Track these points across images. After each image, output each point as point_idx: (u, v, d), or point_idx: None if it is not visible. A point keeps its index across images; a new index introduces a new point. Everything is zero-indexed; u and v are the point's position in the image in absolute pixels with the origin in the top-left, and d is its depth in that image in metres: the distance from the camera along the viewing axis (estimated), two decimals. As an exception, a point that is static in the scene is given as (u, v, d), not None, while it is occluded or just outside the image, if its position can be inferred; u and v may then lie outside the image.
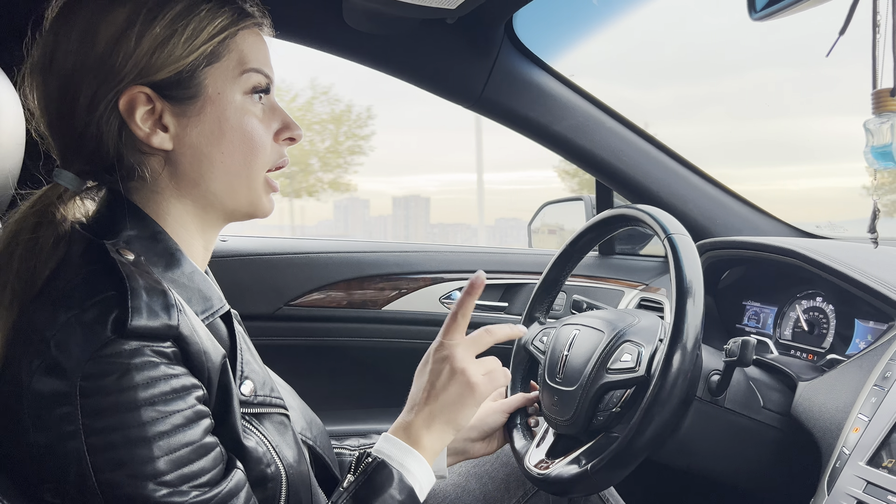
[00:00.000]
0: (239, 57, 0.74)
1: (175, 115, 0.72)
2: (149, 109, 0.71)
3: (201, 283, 0.75)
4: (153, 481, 0.59)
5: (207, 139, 0.73)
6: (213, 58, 0.73)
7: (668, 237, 0.98)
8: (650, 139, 1.58)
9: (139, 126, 0.71)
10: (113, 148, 0.72)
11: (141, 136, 0.71)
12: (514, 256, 1.82)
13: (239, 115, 0.74)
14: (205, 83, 0.73)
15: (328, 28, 1.37)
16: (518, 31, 1.46)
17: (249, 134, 0.75)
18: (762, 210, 1.60)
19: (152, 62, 0.70)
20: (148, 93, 0.71)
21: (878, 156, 0.84)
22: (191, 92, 0.72)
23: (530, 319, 1.27)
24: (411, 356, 1.72)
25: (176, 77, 0.71)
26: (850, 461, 0.84)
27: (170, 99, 0.72)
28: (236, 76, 0.74)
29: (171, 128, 0.72)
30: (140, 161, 0.73)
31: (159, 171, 0.74)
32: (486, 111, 1.54)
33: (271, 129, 0.78)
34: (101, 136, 0.71)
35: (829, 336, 1.20)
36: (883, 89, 0.81)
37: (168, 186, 0.75)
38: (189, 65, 0.71)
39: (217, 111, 0.73)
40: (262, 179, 0.78)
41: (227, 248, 1.64)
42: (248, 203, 0.78)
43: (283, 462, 0.74)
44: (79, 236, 0.70)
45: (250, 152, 0.75)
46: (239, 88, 0.75)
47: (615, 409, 1.00)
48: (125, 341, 0.60)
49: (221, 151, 0.74)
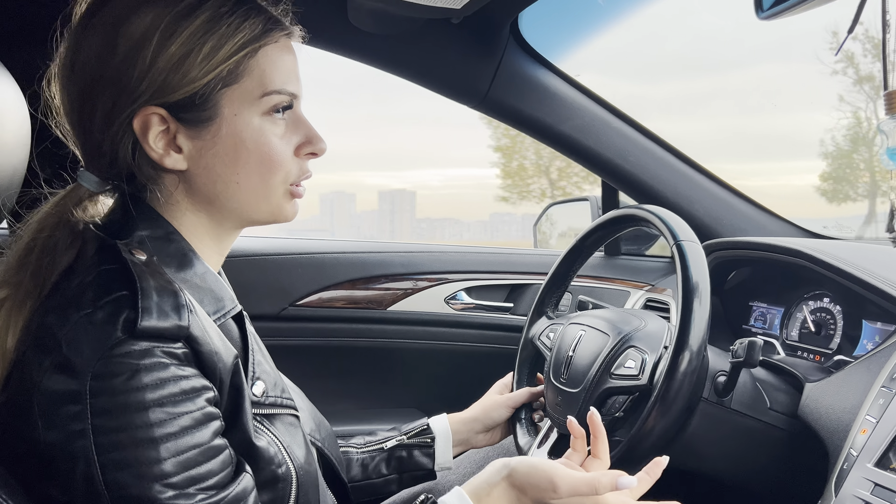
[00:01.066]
0: (260, 78, 0.72)
1: (189, 137, 0.71)
2: (163, 130, 0.70)
3: (213, 284, 0.75)
4: (160, 482, 0.59)
5: (223, 161, 0.72)
6: (230, 79, 0.70)
7: (677, 244, 0.98)
8: (656, 139, 1.57)
9: (152, 147, 0.70)
10: (128, 163, 0.71)
11: (154, 158, 0.71)
12: (520, 257, 1.82)
13: (256, 137, 0.72)
14: (221, 104, 0.71)
15: (333, 28, 1.37)
16: (523, 30, 1.46)
17: (267, 154, 0.73)
18: (768, 210, 1.60)
19: (167, 82, 0.68)
20: (162, 114, 0.69)
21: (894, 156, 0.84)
22: (206, 114, 0.70)
23: (538, 314, 1.27)
24: (417, 356, 1.74)
25: (191, 99, 0.69)
26: (857, 463, 0.83)
27: (184, 121, 0.70)
28: (256, 98, 0.72)
29: (185, 149, 0.71)
30: (154, 178, 0.72)
31: (174, 189, 0.74)
32: (491, 111, 1.54)
33: (292, 143, 0.75)
34: (117, 151, 0.70)
35: (836, 337, 1.19)
36: (895, 90, 0.81)
37: (183, 201, 0.74)
38: (204, 86, 0.69)
39: (233, 133, 0.71)
40: (282, 192, 0.76)
41: (234, 248, 1.62)
42: (268, 213, 0.77)
43: (294, 462, 0.74)
44: (92, 236, 0.71)
45: (268, 172, 0.73)
46: (258, 110, 0.72)
47: (618, 413, 1.00)
48: (135, 342, 0.60)
49: (237, 173, 0.73)
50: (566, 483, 0.78)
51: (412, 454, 1.11)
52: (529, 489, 0.79)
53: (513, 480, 0.80)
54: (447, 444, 1.12)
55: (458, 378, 1.76)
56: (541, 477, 0.79)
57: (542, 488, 0.79)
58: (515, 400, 1.17)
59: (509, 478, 0.80)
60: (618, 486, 0.78)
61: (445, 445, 1.12)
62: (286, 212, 0.78)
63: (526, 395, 1.18)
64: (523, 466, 0.80)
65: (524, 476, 0.80)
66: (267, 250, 1.68)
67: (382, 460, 1.10)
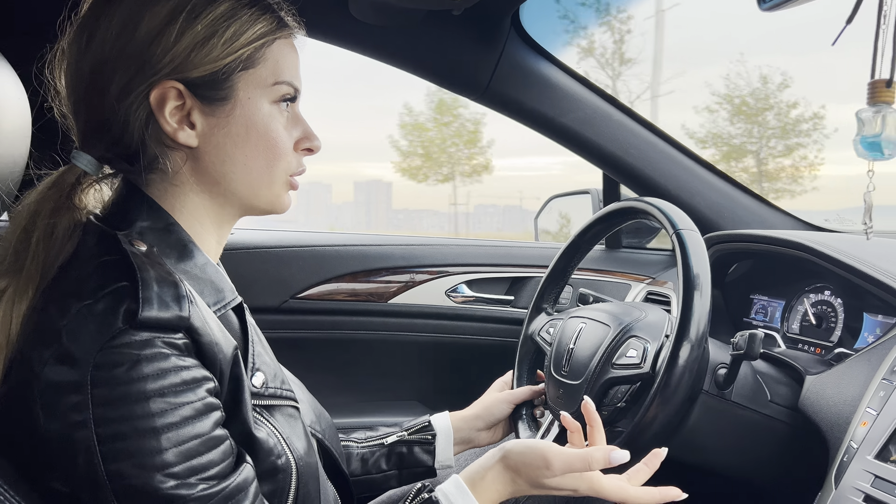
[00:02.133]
0: (273, 67, 0.75)
1: (204, 113, 0.73)
2: (178, 105, 0.72)
3: (214, 275, 0.75)
4: (161, 472, 0.60)
5: (233, 141, 0.74)
6: (248, 63, 0.73)
7: (676, 233, 0.98)
8: (657, 132, 1.57)
9: (167, 120, 0.71)
10: (138, 138, 0.72)
11: (168, 131, 0.72)
12: (520, 250, 1.82)
13: (266, 122, 0.75)
14: (237, 86, 0.73)
15: (334, 19, 1.36)
16: (525, 22, 1.45)
17: (274, 141, 0.76)
18: (770, 203, 1.59)
19: (190, 59, 0.70)
20: (180, 88, 0.71)
21: (867, 146, 0.84)
22: (223, 94, 0.73)
23: (538, 310, 1.27)
24: (417, 349, 1.74)
25: (211, 77, 0.72)
26: (857, 455, 0.83)
27: (201, 98, 0.72)
28: (268, 85, 0.75)
29: (198, 125, 0.73)
30: (163, 154, 0.73)
31: (181, 166, 0.75)
32: (492, 103, 1.53)
33: (292, 136, 0.79)
34: (128, 125, 0.71)
35: (837, 330, 1.19)
36: (879, 80, 0.81)
37: (188, 181, 0.75)
38: (225, 67, 0.72)
39: (246, 115, 0.74)
40: (283, 181, 0.79)
41: (234, 241, 1.64)
42: (267, 202, 0.79)
43: (294, 453, 0.75)
44: (92, 226, 0.71)
45: (273, 158, 0.76)
46: (268, 97, 0.75)
47: (620, 403, 0.99)
48: (136, 332, 0.61)
49: (245, 154, 0.75)
50: (560, 460, 0.81)
51: (412, 451, 1.11)
52: (524, 469, 0.82)
53: (507, 462, 0.83)
54: (448, 442, 1.12)
55: (459, 371, 1.77)
56: (534, 455, 0.82)
57: (536, 466, 0.81)
58: (516, 396, 1.17)
59: (504, 460, 0.83)
60: (611, 461, 0.81)
61: (446, 443, 1.12)
62: (283, 202, 0.80)
63: (527, 391, 1.18)
64: (517, 447, 0.83)
65: (518, 456, 0.83)
66: (268, 243, 1.68)
67: (382, 456, 1.10)
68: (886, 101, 0.82)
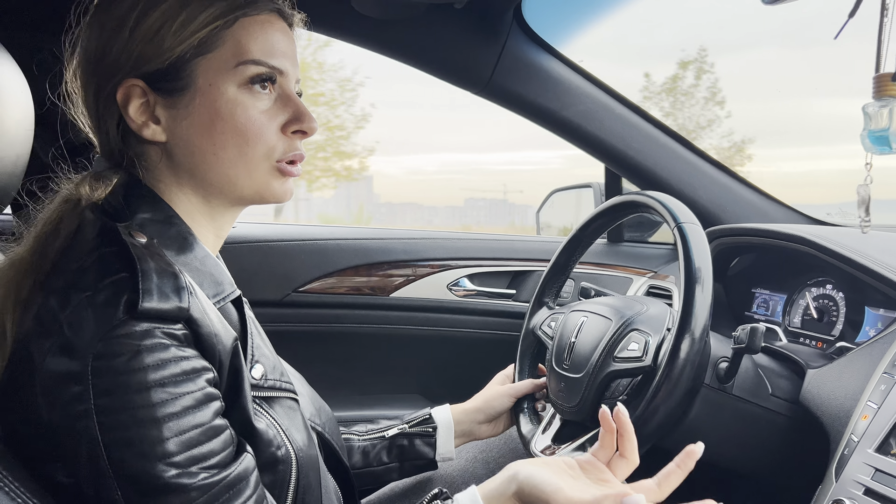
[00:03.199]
0: (234, 48, 0.72)
1: (165, 107, 0.72)
2: (143, 101, 0.72)
3: (213, 268, 0.75)
4: (162, 462, 0.60)
5: (198, 131, 0.73)
6: (203, 48, 0.71)
7: (678, 226, 0.98)
8: (660, 125, 1.56)
9: (132, 118, 0.72)
10: (116, 137, 0.74)
11: (134, 129, 0.73)
12: (522, 244, 1.82)
13: (231, 108, 0.72)
14: (195, 74, 0.72)
15: (335, 12, 1.36)
16: (527, 15, 1.45)
17: (243, 126, 0.73)
18: (772, 197, 1.59)
19: (143, 53, 0.70)
20: (141, 86, 0.71)
21: (875, 140, 0.84)
22: (181, 84, 0.72)
23: (539, 304, 1.27)
24: (419, 343, 1.75)
25: (166, 69, 0.71)
26: (858, 448, 0.83)
27: (160, 91, 0.72)
28: (230, 68, 0.72)
29: (162, 120, 0.73)
30: (140, 152, 0.75)
31: (157, 162, 0.75)
32: (494, 97, 1.53)
33: (277, 120, 0.75)
34: (107, 126, 0.74)
35: (838, 324, 1.19)
36: (884, 73, 0.81)
37: (167, 176, 0.76)
38: (177, 55, 0.70)
39: (208, 103, 0.72)
40: (266, 168, 0.75)
41: (236, 235, 1.64)
42: (252, 191, 0.76)
43: (294, 445, 0.75)
44: (92, 217, 0.71)
45: (245, 144, 0.73)
46: (233, 80, 0.72)
47: (622, 396, 1.00)
48: (136, 323, 0.61)
49: (213, 143, 0.73)
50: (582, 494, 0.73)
51: (413, 443, 1.11)
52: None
53: (521, 497, 0.77)
54: (449, 435, 1.13)
55: (461, 364, 1.77)
56: (539, 498, 0.75)
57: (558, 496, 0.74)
58: (518, 390, 1.18)
59: (518, 493, 0.78)
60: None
61: (447, 436, 1.13)
62: (275, 190, 0.77)
63: (528, 385, 1.18)
64: (528, 485, 0.77)
65: (528, 495, 0.77)
66: (270, 236, 1.69)
67: (384, 448, 1.10)
68: (892, 94, 0.82)
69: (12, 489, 0.59)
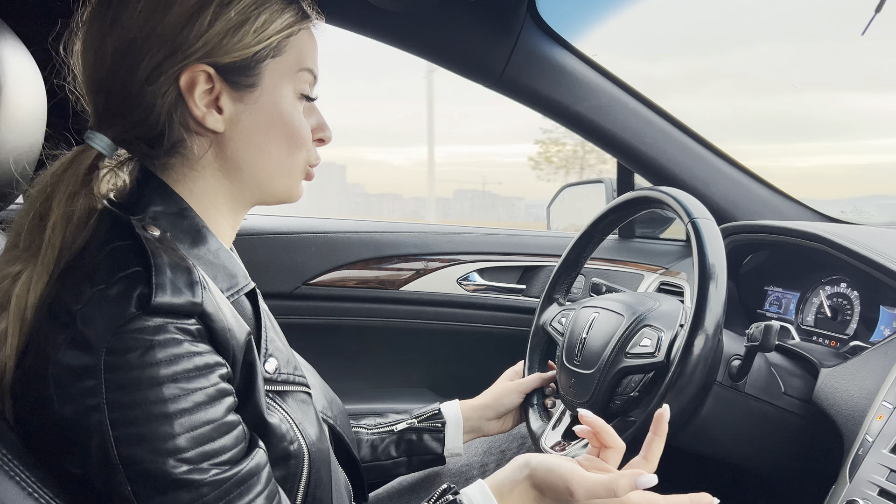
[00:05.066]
0: (297, 55, 0.76)
1: (233, 99, 0.73)
2: (208, 89, 0.72)
3: (227, 261, 0.75)
4: (173, 457, 0.60)
5: (259, 128, 0.75)
6: (277, 51, 0.74)
7: (692, 221, 0.97)
8: (673, 121, 1.55)
9: (196, 104, 0.71)
10: (164, 120, 0.72)
11: (197, 115, 0.72)
12: (533, 239, 1.81)
13: (290, 110, 0.76)
14: (265, 74, 0.74)
15: (350, 5, 1.36)
16: (541, 9, 1.44)
17: (297, 129, 0.77)
18: (785, 194, 1.58)
19: (222, 44, 0.71)
20: (211, 72, 0.71)
21: None
22: (251, 80, 0.73)
23: (549, 300, 1.27)
24: (428, 337, 1.75)
25: (241, 63, 0.72)
26: (872, 449, 0.83)
27: (231, 83, 0.73)
28: (293, 73, 0.76)
29: (226, 110, 0.73)
30: (188, 138, 0.73)
31: (204, 151, 0.75)
32: (507, 90, 1.52)
33: (309, 126, 0.79)
34: (154, 107, 0.71)
35: (852, 322, 1.18)
36: None
37: (210, 166, 0.75)
38: (256, 54, 0.73)
39: (272, 102, 0.75)
40: (301, 170, 0.80)
41: (246, 227, 1.64)
42: (284, 190, 0.80)
43: (306, 439, 0.75)
44: (107, 211, 0.71)
45: (295, 146, 0.77)
46: (292, 84, 0.76)
47: (633, 393, 0.99)
48: (149, 317, 0.61)
49: (270, 141, 0.76)
50: (582, 487, 0.77)
51: (422, 438, 1.11)
52: (548, 491, 0.79)
53: (533, 480, 0.80)
54: (458, 430, 1.13)
55: (470, 359, 1.77)
56: (557, 479, 0.78)
57: (560, 491, 0.78)
58: (526, 385, 1.18)
59: (531, 478, 0.80)
60: (637, 486, 0.76)
61: (456, 431, 1.13)
62: (298, 191, 0.82)
63: (537, 380, 1.18)
64: (542, 469, 0.80)
65: (542, 478, 0.79)
66: (281, 229, 1.69)
67: (392, 442, 1.11)
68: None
69: (23, 479, 0.59)
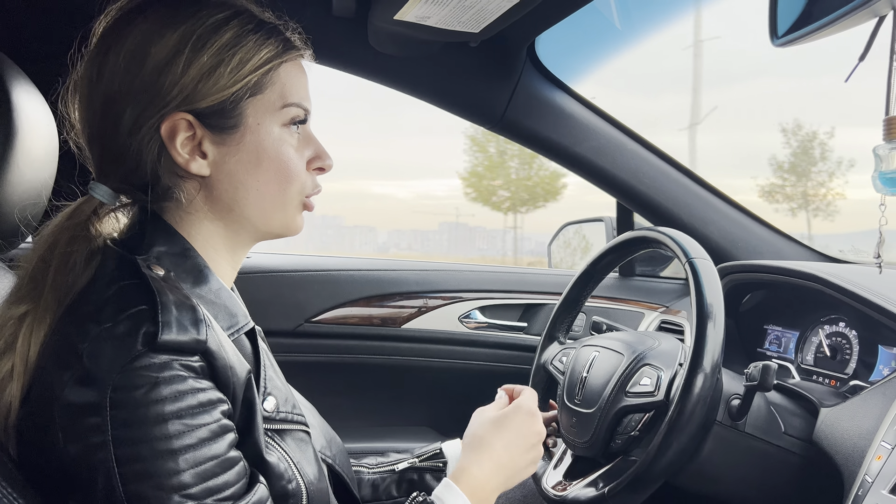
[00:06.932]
0: (281, 90, 0.76)
1: (215, 143, 0.74)
2: (189, 136, 0.73)
3: (227, 300, 0.76)
4: (178, 493, 0.60)
5: (245, 167, 0.75)
6: (256, 89, 0.74)
7: (689, 261, 0.98)
8: (671, 161, 1.58)
9: (179, 152, 0.72)
10: (151, 170, 0.73)
11: (180, 162, 0.73)
12: (534, 276, 1.83)
13: (276, 146, 0.76)
14: (246, 113, 0.74)
15: (353, 50, 1.39)
16: (540, 53, 1.48)
17: (285, 164, 0.76)
18: (784, 233, 1.59)
19: (198, 90, 0.71)
20: (190, 119, 0.72)
21: (886, 182, 0.84)
22: (232, 122, 0.73)
23: (550, 339, 1.28)
24: (430, 374, 1.75)
25: (219, 106, 0.72)
26: (872, 489, 0.83)
27: (211, 127, 0.73)
28: (277, 109, 0.76)
29: (209, 155, 0.74)
30: (176, 184, 0.74)
31: (194, 195, 0.75)
32: (508, 132, 1.55)
33: (304, 157, 0.79)
34: (141, 157, 0.72)
35: (852, 362, 1.18)
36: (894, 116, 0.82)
37: (202, 209, 0.76)
38: (233, 95, 0.72)
39: (256, 141, 0.75)
40: (297, 203, 0.79)
41: (249, 265, 1.65)
42: (281, 225, 0.80)
43: (304, 479, 0.75)
44: (111, 251, 0.72)
45: (285, 181, 0.77)
46: (278, 120, 0.76)
47: (634, 432, 0.99)
48: (155, 355, 0.61)
49: (257, 179, 0.75)
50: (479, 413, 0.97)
51: (423, 478, 1.11)
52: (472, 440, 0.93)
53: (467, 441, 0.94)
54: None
55: (472, 397, 1.75)
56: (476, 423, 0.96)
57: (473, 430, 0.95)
58: None
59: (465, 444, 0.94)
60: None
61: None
62: (297, 224, 0.81)
63: None
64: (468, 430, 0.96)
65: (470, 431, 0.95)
66: (283, 267, 1.70)
67: (393, 482, 1.10)
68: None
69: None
